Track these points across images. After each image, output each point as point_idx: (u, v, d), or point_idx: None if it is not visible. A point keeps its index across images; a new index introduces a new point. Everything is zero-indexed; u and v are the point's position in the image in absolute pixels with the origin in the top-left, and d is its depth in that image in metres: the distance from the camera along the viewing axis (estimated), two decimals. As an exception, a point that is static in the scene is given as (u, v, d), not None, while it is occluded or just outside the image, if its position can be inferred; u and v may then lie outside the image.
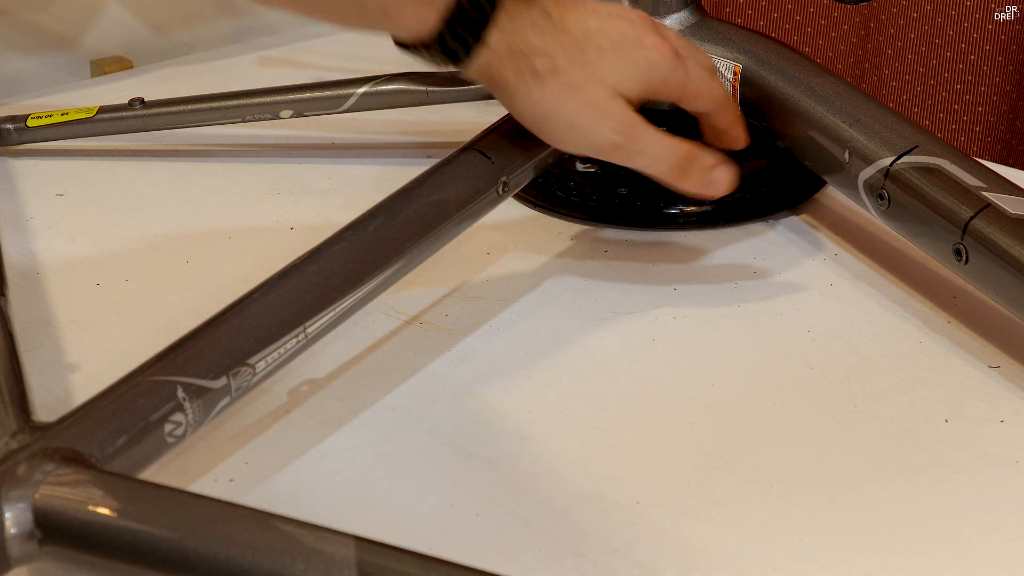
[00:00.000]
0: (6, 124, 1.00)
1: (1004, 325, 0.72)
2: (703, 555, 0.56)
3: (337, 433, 0.65)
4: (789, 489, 0.60)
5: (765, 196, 0.87)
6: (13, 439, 0.52)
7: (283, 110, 0.96)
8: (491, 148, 0.75)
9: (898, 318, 0.74)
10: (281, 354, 0.61)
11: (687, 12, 0.89)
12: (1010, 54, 1.24)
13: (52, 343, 0.73)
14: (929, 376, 0.68)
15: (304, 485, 0.61)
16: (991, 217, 0.67)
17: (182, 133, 1.02)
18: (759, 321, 0.74)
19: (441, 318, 0.75)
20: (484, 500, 0.60)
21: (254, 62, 1.24)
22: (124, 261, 0.83)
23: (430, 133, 1.03)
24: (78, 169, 0.98)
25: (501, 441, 0.64)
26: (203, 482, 0.61)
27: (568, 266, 0.81)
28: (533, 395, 0.68)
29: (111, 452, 0.52)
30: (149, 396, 0.55)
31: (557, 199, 0.87)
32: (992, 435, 0.63)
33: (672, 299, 0.77)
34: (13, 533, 0.48)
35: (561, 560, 0.56)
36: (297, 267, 0.64)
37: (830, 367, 0.69)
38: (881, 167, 0.74)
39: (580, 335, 0.73)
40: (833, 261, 0.80)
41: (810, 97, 0.80)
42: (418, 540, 0.57)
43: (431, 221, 0.70)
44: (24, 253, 0.84)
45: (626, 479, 0.61)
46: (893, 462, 0.62)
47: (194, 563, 0.47)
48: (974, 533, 0.57)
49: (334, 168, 0.96)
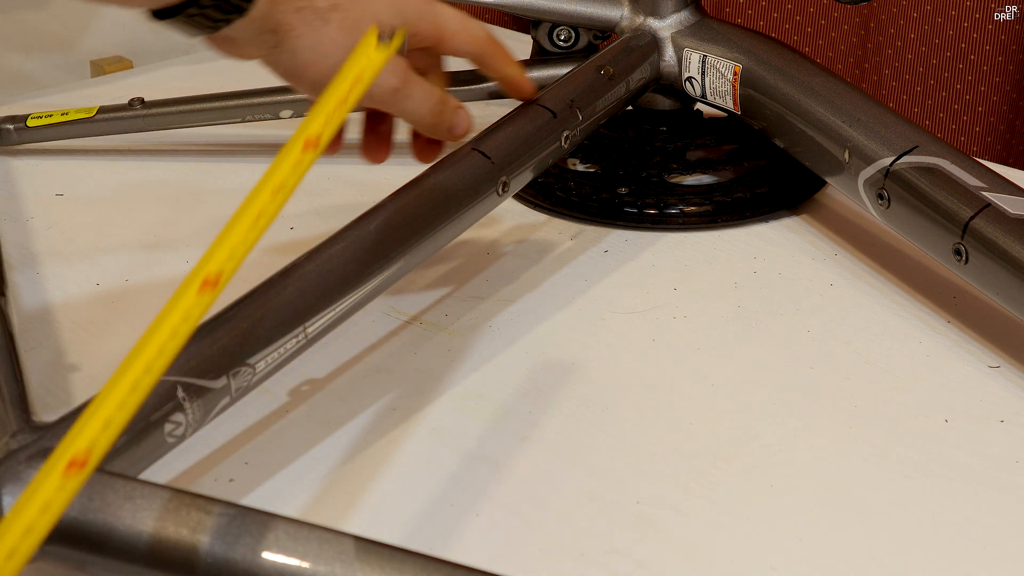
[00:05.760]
0: (6, 124, 1.00)
1: (1004, 325, 0.72)
2: (703, 555, 0.56)
3: (337, 433, 0.65)
4: (789, 489, 0.60)
5: (765, 196, 0.87)
6: (13, 439, 0.52)
7: (283, 110, 0.96)
8: (491, 148, 0.75)
9: (898, 318, 0.74)
10: (281, 354, 0.61)
11: (687, 12, 0.89)
12: (1010, 54, 1.24)
13: (52, 343, 0.73)
14: (929, 376, 0.68)
15: (304, 485, 0.61)
16: (991, 217, 0.67)
17: (182, 133, 1.02)
18: (759, 321, 0.74)
19: (441, 318, 0.75)
20: (484, 500, 0.60)
21: (254, 62, 1.23)
22: (124, 261, 0.83)
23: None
24: (78, 169, 0.98)
25: (501, 441, 0.64)
26: (203, 482, 0.61)
27: (568, 266, 0.81)
28: (533, 395, 0.68)
29: (111, 452, 0.52)
30: (149, 396, 0.55)
31: (557, 199, 0.87)
32: (992, 435, 0.63)
33: (672, 299, 0.77)
34: (13, 533, 0.48)
35: (561, 560, 0.56)
36: (297, 267, 0.63)
37: (830, 367, 0.69)
38: (881, 167, 0.74)
39: (580, 335, 0.73)
40: (833, 261, 0.80)
41: (810, 97, 0.80)
42: (418, 540, 0.57)
43: (431, 221, 0.70)
44: (24, 253, 0.84)
45: (626, 479, 0.61)
46: (893, 462, 0.62)
47: (194, 563, 0.47)
48: (974, 533, 0.57)
49: (334, 168, 0.96)
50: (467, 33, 0.72)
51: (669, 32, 0.88)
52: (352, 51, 0.62)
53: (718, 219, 0.85)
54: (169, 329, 0.43)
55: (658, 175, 0.88)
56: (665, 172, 0.88)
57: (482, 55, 0.73)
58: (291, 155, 0.47)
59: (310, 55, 0.66)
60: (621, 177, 0.88)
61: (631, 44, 0.88)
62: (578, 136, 0.80)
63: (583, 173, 0.89)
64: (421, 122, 0.71)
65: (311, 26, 0.66)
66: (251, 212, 0.46)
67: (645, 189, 0.86)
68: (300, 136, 0.48)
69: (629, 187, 0.87)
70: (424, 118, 0.71)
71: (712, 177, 0.89)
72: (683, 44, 0.88)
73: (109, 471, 0.51)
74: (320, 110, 0.49)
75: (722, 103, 0.87)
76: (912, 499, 0.59)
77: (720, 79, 0.86)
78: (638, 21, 0.89)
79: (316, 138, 0.48)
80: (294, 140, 0.47)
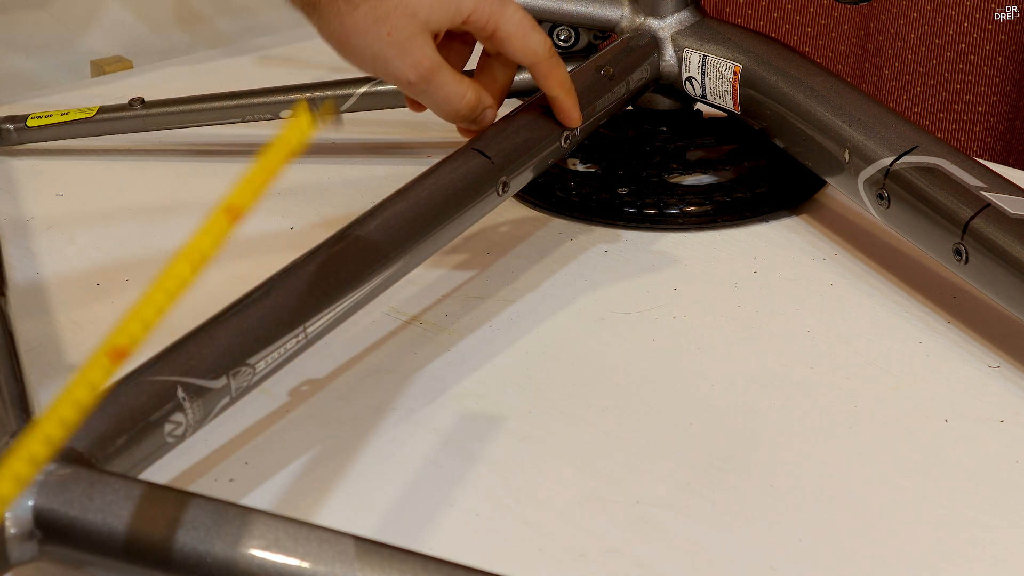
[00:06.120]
0: (6, 124, 1.00)
1: (1004, 325, 0.72)
2: (703, 555, 0.56)
3: (337, 433, 0.65)
4: (789, 489, 0.60)
5: (765, 196, 0.87)
6: (13, 439, 0.52)
7: (283, 110, 0.96)
8: (491, 148, 0.75)
9: (898, 318, 0.74)
10: (281, 354, 0.61)
11: (687, 12, 0.89)
12: (1010, 54, 1.24)
13: (52, 343, 0.73)
14: (929, 376, 0.68)
15: (304, 485, 0.61)
16: (991, 217, 0.67)
17: (182, 133, 1.02)
18: (759, 321, 0.74)
19: (441, 318, 0.75)
20: (484, 500, 0.60)
21: (254, 62, 1.24)
22: (124, 261, 0.83)
23: (430, 133, 1.03)
24: (78, 169, 0.98)
25: (501, 441, 0.64)
26: (203, 482, 0.61)
27: (568, 266, 0.81)
28: (533, 395, 0.68)
29: (111, 452, 0.52)
30: (149, 396, 0.55)
31: (557, 199, 0.87)
32: (992, 435, 0.63)
33: (672, 299, 0.77)
34: (13, 533, 0.48)
35: (561, 560, 0.56)
36: (297, 267, 0.63)
37: (830, 367, 0.69)
38: (881, 167, 0.74)
39: (580, 335, 0.73)
40: (833, 261, 0.80)
41: (810, 97, 0.80)
42: (418, 540, 0.57)
43: (431, 221, 0.70)
44: (24, 253, 0.84)
45: (626, 479, 0.61)
46: (893, 462, 0.62)
47: (194, 563, 0.47)
48: (974, 533, 0.57)
49: (334, 168, 0.96)
50: (522, 41, 0.73)
51: (669, 32, 0.88)
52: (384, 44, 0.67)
53: (718, 219, 0.85)
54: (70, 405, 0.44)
55: (658, 175, 0.88)
56: (665, 172, 0.88)
57: (533, 68, 0.75)
58: (212, 224, 0.47)
59: (339, 36, 0.70)
60: (621, 177, 0.88)
61: (631, 44, 0.88)
62: (578, 136, 0.80)
63: (583, 173, 0.89)
64: (440, 115, 0.74)
65: (338, 12, 0.69)
66: (167, 280, 0.46)
67: (645, 189, 0.86)
68: (223, 205, 0.48)
69: (629, 187, 0.86)
70: (445, 117, 0.74)
71: (712, 177, 0.89)
72: (683, 44, 0.88)
73: (109, 471, 0.51)
74: (246, 181, 0.50)
75: (722, 103, 0.87)
76: (912, 499, 0.59)
77: (720, 79, 0.86)
78: (638, 21, 0.89)
79: (238, 208, 0.48)
80: (217, 209, 0.48)
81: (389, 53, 0.70)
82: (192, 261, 0.47)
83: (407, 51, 0.70)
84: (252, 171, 0.49)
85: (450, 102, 0.72)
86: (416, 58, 0.70)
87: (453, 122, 0.75)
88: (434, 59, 0.71)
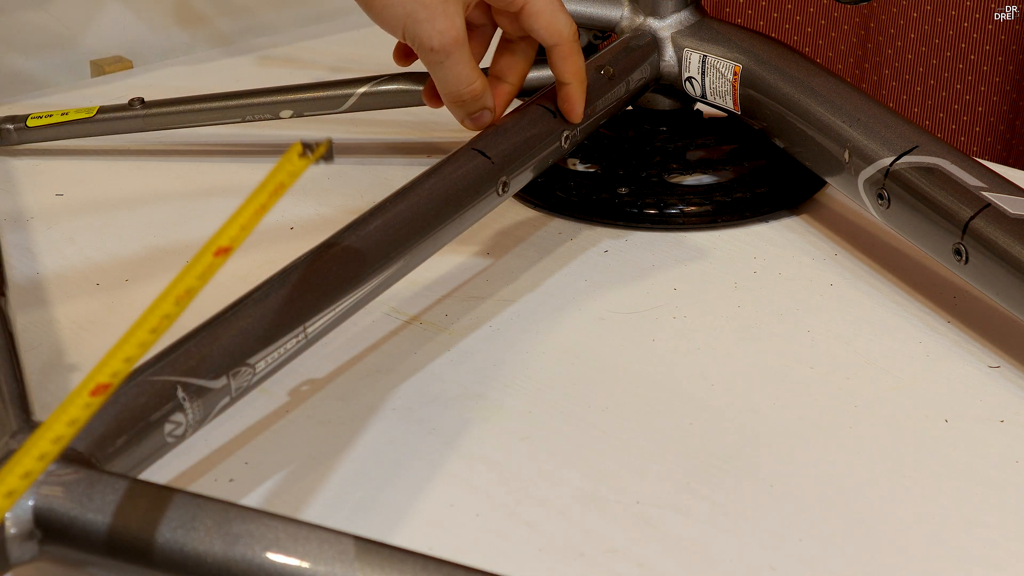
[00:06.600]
0: (6, 124, 1.00)
1: (1004, 325, 0.72)
2: (703, 555, 0.56)
3: (337, 433, 0.65)
4: (789, 489, 0.60)
5: (765, 196, 0.87)
6: (13, 439, 0.52)
7: (283, 110, 0.96)
8: (491, 148, 0.75)
9: (898, 318, 0.74)
10: (281, 354, 0.61)
11: (687, 12, 0.89)
12: (1010, 54, 1.24)
13: (52, 343, 0.73)
14: (929, 376, 0.68)
15: (304, 485, 0.61)
16: (991, 217, 0.67)
17: (182, 133, 1.02)
18: (759, 321, 0.74)
19: (441, 318, 0.75)
20: (484, 500, 0.60)
21: (254, 62, 1.24)
22: (124, 261, 0.83)
23: (430, 133, 1.03)
24: (78, 169, 0.98)
25: (501, 441, 0.64)
26: (203, 482, 0.61)
27: (568, 266, 0.81)
28: (533, 395, 0.68)
29: (111, 452, 0.52)
30: (149, 396, 0.55)
31: (557, 199, 0.87)
32: (992, 435, 0.63)
33: (672, 299, 0.77)
34: (13, 533, 0.48)
35: (561, 560, 0.56)
36: (297, 267, 0.63)
37: (830, 367, 0.69)
38: (881, 167, 0.74)
39: (580, 335, 0.73)
40: (833, 261, 0.80)
41: (810, 97, 0.80)
42: (418, 540, 0.57)
43: (431, 221, 0.70)
44: (24, 253, 0.84)
45: (626, 479, 0.61)
46: (893, 462, 0.62)
47: (194, 563, 0.47)
48: (974, 533, 0.57)
49: (334, 168, 0.96)
50: (549, 19, 0.74)
51: (669, 32, 0.88)
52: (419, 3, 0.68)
53: (718, 219, 0.85)
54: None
55: (658, 175, 0.88)
56: (665, 172, 0.88)
57: (554, 49, 0.76)
58: (202, 261, 0.48)
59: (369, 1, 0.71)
60: (621, 177, 0.88)
61: (631, 44, 0.88)
62: (578, 136, 0.80)
63: (583, 173, 0.89)
64: (443, 93, 0.75)
65: None
66: (155, 315, 0.46)
67: (645, 189, 0.86)
68: (214, 243, 0.48)
69: (629, 187, 0.86)
70: (444, 96, 0.75)
71: (712, 177, 0.89)
72: (683, 44, 0.88)
73: (109, 471, 0.51)
74: (236, 218, 0.50)
75: (722, 103, 0.87)
76: (912, 499, 0.59)
77: (720, 79, 0.86)
78: (638, 21, 0.89)
79: (229, 246, 0.48)
80: (207, 247, 0.48)
81: (421, 14, 0.71)
82: (178, 298, 0.47)
83: (438, 15, 0.71)
84: (242, 209, 0.49)
85: (459, 82, 0.73)
86: (444, 25, 0.71)
87: (452, 105, 0.76)
88: (461, 31, 0.71)
